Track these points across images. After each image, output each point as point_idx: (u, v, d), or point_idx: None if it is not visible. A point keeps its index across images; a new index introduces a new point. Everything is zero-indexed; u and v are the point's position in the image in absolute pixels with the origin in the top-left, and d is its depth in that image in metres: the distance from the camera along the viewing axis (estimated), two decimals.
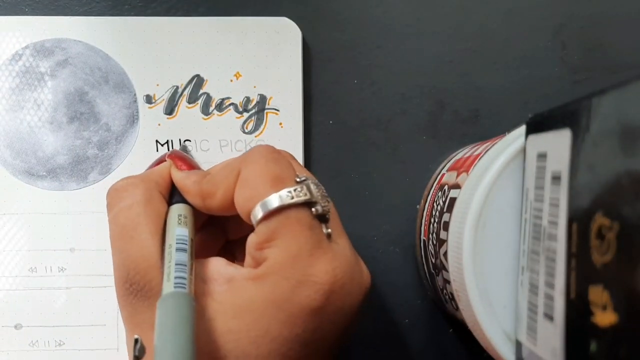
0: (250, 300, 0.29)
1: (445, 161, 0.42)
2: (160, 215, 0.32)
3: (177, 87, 0.42)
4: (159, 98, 0.42)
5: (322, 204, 0.31)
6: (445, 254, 0.32)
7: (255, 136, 0.42)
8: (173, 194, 0.34)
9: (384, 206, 0.43)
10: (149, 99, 0.42)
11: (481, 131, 0.43)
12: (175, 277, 0.28)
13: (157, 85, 0.42)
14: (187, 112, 0.42)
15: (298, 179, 0.31)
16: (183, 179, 0.34)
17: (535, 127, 0.27)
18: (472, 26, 0.43)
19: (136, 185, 0.33)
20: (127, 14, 0.42)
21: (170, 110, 0.42)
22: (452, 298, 0.32)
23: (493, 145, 0.30)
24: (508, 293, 0.28)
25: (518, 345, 0.27)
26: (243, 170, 0.31)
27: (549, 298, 0.24)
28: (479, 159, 0.31)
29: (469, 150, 0.37)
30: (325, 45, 0.43)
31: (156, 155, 0.41)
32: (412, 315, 0.43)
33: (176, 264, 0.29)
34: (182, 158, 0.35)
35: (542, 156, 0.26)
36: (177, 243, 0.30)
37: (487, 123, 0.43)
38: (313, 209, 0.30)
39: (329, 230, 0.31)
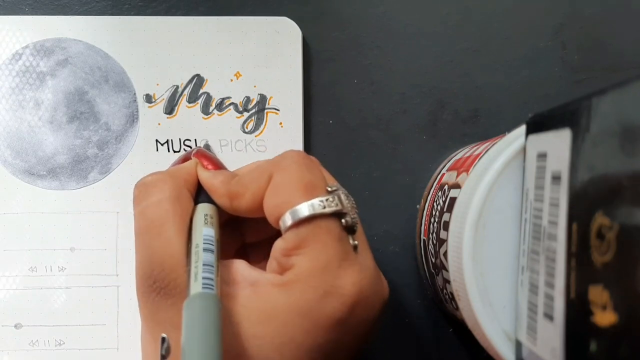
0: (275, 307, 0.29)
1: (445, 161, 0.42)
2: (187, 214, 0.32)
3: (177, 87, 0.42)
4: (159, 97, 0.42)
5: (352, 216, 0.31)
6: (445, 253, 0.32)
7: (256, 136, 0.42)
8: (199, 193, 0.34)
9: (384, 206, 0.43)
10: (148, 99, 0.42)
11: (481, 131, 0.43)
12: (203, 278, 0.28)
13: (157, 84, 0.42)
14: (187, 111, 0.42)
15: (329, 189, 0.31)
16: (210, 178, 0.33)
17: (535, 127, 0.27)
18: (472, 26, 0.43)
19: (165, 181, 0.32)
20: (127, 13, 0.42)
21: (170, 109, 0.42)
22: (452, 298, 0.32)
23: (493, 145, 0.30)
24: (508, 293, 0.28)
25: (518, 345, 0.27)
26: (275, 175, 0.31)
27: (549, 298, 0.24)
28: (479, 159, 0.31)
29: (469, 150, 0.37)
30: (325, 45, 0.43)
31: (156, 155, 0.41)
32: (412, 315, 0.43)
33: (204, 265, 0.29)
34: (208, 157, 0.35)
35: (542, 156, 0.26)
36: (204, 243, 0.30)
37: (487, 123, 0.43)
38: (343, 220, 0.30)
39: (356, 242, 0.31)
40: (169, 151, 0.42)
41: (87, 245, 0.41)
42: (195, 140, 0.42)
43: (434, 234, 0.35)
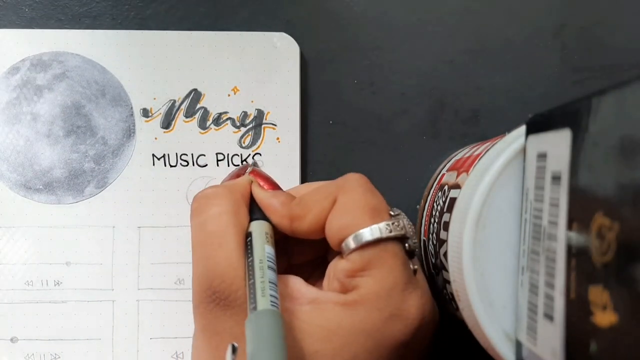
0: (339, 325, 0.29)
1: (445, 161, 0.42)
2: (244, 229, 0.32)
3: (174, 101, 0.42)
4: (155, 112, 0.42)
5: (413, 240, 0.32)
6: (445, 254, 0.32)
7: (253, 151, 0.42)
8: (252, 210, 0.34)
9: None
10: (145, 113, 0.42)
11: (481, 131, 0.43)
12: (271, 295, 0.29)
13: (154, 99, 0.42)
14: (184, 126, 0.42)
15: (392, 213, 0.32)
16: (269, 198, 0.34)
17: (535, 127, 0.27)
18: (472, 26, 0.43)
19: (225, 195, 0.33)
20: (127, 13, 0.42)
21: (167, 124, 0.42)
22: (452, 298, 0.32)
23: (493, 145, 0.30)
24: (508, 293, 0.28)
25: (518, 345, 0.27)
26: (340, 197, 0.32)
27: (549, 298, 0.24)
28: (479, 159, 0.31)
29: (469, 150, 0.37)
30: (325, 45, 0.43)
31: (152, 170, 0.42)
32: None
33: (269, 282, 0.29)
34: (264, 177, 0.35)
35: (542, 156, 0.26)
36: (267, 260, 0.30)
37: (487, 123, 0.43)
38: (406, 245, 0.31)
39: (415, 266, 0.32)
40: (165, 166, 0.42)
41: (83, 259, 0.41)
42: (192, 154, 0.42)
43: (434, 235, 0.35)
